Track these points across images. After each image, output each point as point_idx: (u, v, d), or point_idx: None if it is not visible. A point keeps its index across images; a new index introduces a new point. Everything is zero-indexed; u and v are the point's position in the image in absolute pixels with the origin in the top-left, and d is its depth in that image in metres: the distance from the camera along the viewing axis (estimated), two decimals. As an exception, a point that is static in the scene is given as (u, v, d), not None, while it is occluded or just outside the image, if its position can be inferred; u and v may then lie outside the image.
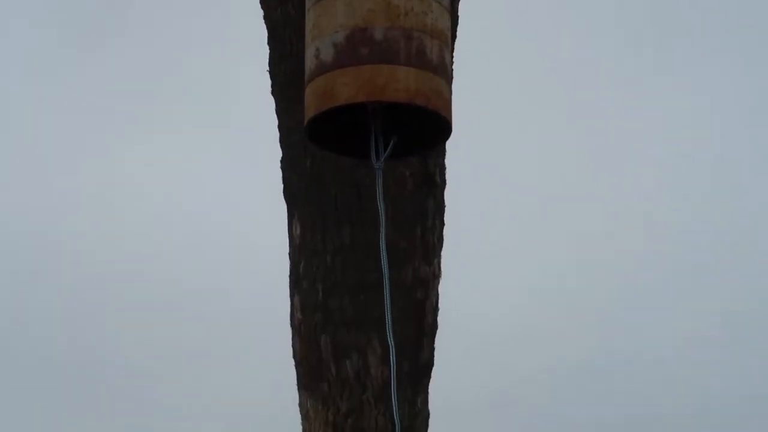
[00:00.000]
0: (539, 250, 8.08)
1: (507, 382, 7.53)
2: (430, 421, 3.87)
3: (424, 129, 2.78)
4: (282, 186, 3.78)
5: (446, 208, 3.80)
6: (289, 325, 3.79)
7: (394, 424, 3.14)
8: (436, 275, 3.75)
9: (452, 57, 3.58)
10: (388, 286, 2.72)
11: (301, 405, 3.78)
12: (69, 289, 7.91)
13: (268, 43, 3.77)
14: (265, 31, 3.80)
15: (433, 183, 3.70)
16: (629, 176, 8.26)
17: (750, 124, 8.58)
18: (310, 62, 2.69)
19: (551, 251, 8.05)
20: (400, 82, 2.58)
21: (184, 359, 7.68)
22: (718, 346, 8.14)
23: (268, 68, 3.78)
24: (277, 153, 3.77)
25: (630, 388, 7.90)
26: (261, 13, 3.83)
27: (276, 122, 3.77)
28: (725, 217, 8.32)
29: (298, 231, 3.70)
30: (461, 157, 3.91)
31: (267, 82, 3.78)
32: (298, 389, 3.78)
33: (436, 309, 3.78)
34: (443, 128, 2.75)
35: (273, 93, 3.75)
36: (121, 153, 8.09)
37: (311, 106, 2.66)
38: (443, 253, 3.78)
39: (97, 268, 7.98)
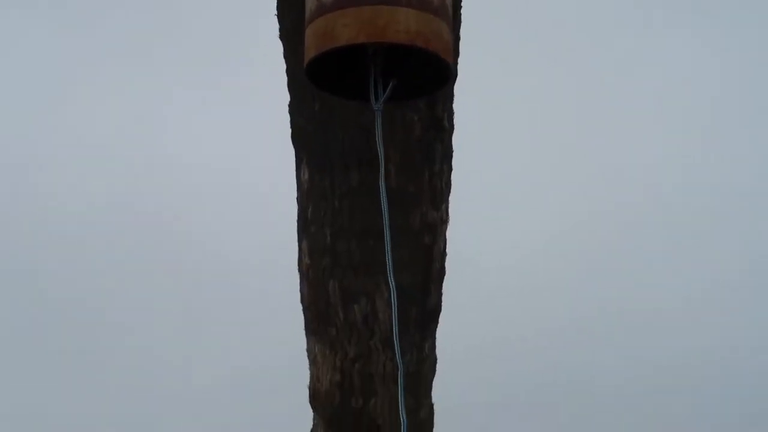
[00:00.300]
0: (550, 200, 8.02)
1: (516, 330, 7.51)
2: (438, 366, 3.88)
3: (426, 73, 2.76)
4: (290, 130, 3.77)
5: (455, 155, 3.78)
6: (296, 272, 3.80)
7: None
8: (443, 220, 3.72)
9: (460, 2, 3.55)
10: (388, 228, 2.72)
11: (308, 350, 3.78)
12: (69, 243, 7.90)
13: (276, -13, 3.74)
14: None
15: (441, 128, 3.66)
16: (638, 117, 8.17)
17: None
18: (310, 3, 2.67)
19: (561, 202, 7.99)
20: (401, 24, 2.57)
21: (189, 307, 7.70)
22: (739, 293, 8.09)
23: (276, 12, 3.75)
24: (286, 97, 3.76)
25: (643, 341, 7.88)
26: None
27: (284, 66, 3.75)
28: (730, 165, 8.24)
29: (306, 175, 3.68)
30: (471, 103, 3.88)
31: (275, 26, 3.76)
32: (306, 334, 3.78)
33: (443, 254, 3.76)
34: (444, 71, 2.73)
35: (281, 37, 3.72)
36: (126, 98, 8.05)
37: (312, 47, 2.65)
38: (451, 199, 3.77)
39: (98, 216, 7.97)
